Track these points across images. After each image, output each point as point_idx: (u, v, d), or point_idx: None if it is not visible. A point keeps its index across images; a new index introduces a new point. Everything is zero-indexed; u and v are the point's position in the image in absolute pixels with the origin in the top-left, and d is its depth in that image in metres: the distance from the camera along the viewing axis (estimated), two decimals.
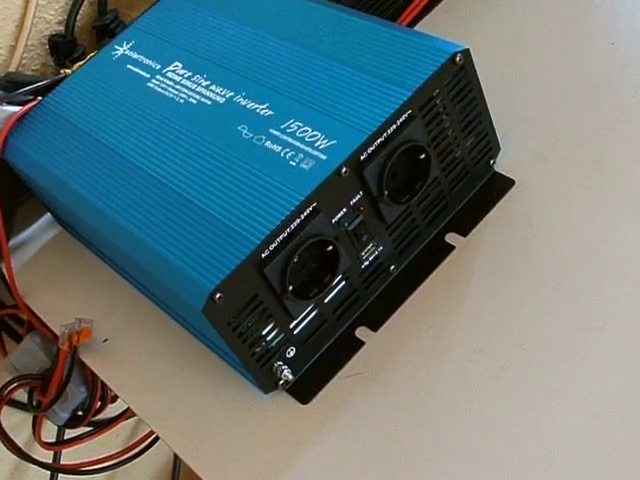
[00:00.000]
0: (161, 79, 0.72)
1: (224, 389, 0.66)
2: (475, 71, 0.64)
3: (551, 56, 0.76)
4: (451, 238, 0.68)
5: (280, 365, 0.62)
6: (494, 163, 0.69)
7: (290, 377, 0.62)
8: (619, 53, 0.74)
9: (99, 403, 0.83)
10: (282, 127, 0.63)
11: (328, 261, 0.61)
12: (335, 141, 0.61)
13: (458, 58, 0.62)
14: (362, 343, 0.65)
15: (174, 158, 0.65)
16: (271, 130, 0.64)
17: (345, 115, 0.62)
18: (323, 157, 0.60)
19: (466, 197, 0.69)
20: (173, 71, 0.73)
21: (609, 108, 0.70)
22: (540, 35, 0.78)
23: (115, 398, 0.87)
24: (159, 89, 0.72)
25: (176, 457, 1.22)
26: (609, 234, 0.63)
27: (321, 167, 0.59)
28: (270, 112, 0.65)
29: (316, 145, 0.61)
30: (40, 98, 0.77)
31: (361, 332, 0.65)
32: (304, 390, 0.63)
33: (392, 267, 0.66)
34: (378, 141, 0.60)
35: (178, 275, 0.58)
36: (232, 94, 0.68)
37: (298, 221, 0.58)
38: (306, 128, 0.62)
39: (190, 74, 0.71)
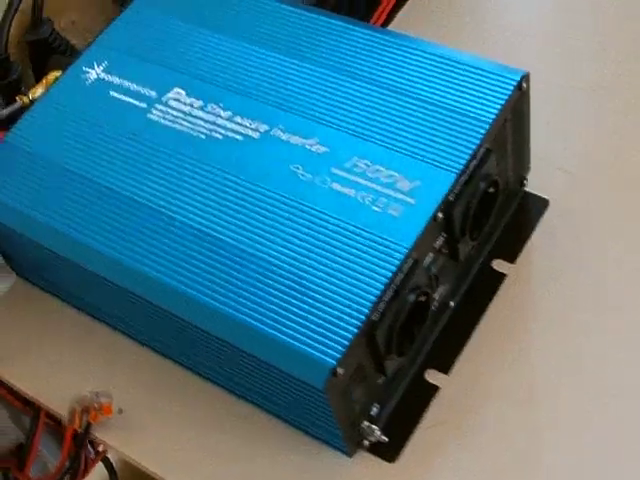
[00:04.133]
0: (164, 109, 0.64)
1: (294, 454, 0.60)
2: (529, 93, 0.61)
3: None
4: (499, 265, 0.65)
5: (368, 425, 0.57)
6: (527, 183, 0.67)
7: (382, 437, 0.58)
8: None
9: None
10: (346, 166, 0.58)
11: (417, 311, 0.57)
12: (419, 182, 0.56)
13: (524, 84, 0.59)
14: (436, 388, 0.61)
15: (218, 206, 0.58)
16: (333, 170, 0.58)
17: (421, 152, 0.57)
18: (411, 201, 0.55)
19: (504, 220, 0.66)
20: (177, 99, 0.64)
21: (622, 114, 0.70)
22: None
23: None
24: (167, 122, 0.63)
25: None
26: None
27: (414, 213, 0.55)
28: (324, 148, 0.59)
29: (397, 187, 0.56)
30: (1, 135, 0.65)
31: (432, 376, 0.62)
32: (388, 447, 0.59)
33: (451, 303, 0.63)
34: (462, 179, 0.56)
35: (286, 353, 0.52)
36: (267, 127, 0.61)
37: (401, 276, 0.54)
38: (378, 167, 0.57)
39: (201, 103, 0.63)
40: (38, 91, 0.68)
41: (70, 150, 0.64)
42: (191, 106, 0.63)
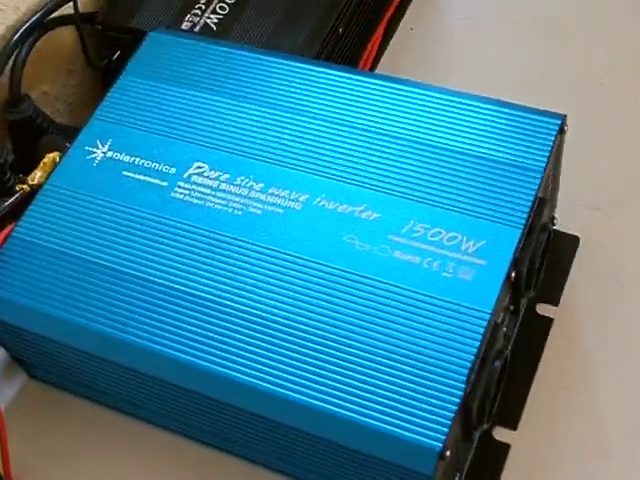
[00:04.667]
0: (189, 187, 0.59)
1: None
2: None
3: None
4: (544, 309, 0.64)
5: None
6: (556, 222, 0.66)
7: None
8: None
9: None
10: (402, 231, 0.55)
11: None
12: (484, 241, 0.54)
13: (566, 127, 0.58)
14: (507, 446, 0.59)
15: (274, 288, 0.54)
16: (391, 237, 0.55)
17: (478, 209, 0.55)
18: (481, 262, 0.53)
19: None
20: (200, 174, 0.60)
21: None
22: None
23: None
24: (194, 200, 0.59)
25: None
26: None
27: (487, 275, 0.53)
28: (375, 214, 0.56)
29: (463, 249, 0.54)
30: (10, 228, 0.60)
31: (499, 433, 0.60)
32: None
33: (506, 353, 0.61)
34: (524, 233, 0.55)
35: (386, 442, 0.49)
36: (307, 197, 0.58)
37: (486, 342, 0.52)
38: (437, 229, 0.55)
39: (228, 176, 0.59)
40: (37, 176, 0.63)
41: (86, 238, 0.59)
42: (217, 180, 0.59)
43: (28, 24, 0.68)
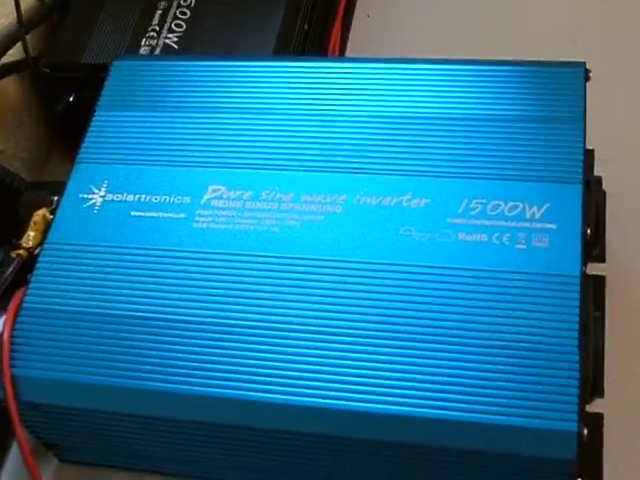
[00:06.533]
0: (210, 213, 0.54)
1: None
2: None
3: None
4: (594, 268, 0.61)
5: None
6: None
7: None
8: None
9: None
10: (459, 211, 0.51)
11: None
12: (548, 204, 0.51)
13: (590, 73, 0.56)
14: (601, 416, 0.55)
15: (342, 300, 0.49)
16: (450, 220, 0.51)
17: (531, 172, 0.52)
18: (551, 226, 0.50)
19: None
20: (219, 197, 0.55)
21: None
22: None
23: None
24: (221, 225, 0.53)
25: None
26: None
27: (563, 238, 0.49)
28: (423, 200, 0.52)
29: (528, 216, 0.50)
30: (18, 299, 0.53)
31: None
32: None
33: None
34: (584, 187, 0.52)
35: (515, 436, 0.44)
36: (345, 197, 0.53)
37: (582, 307, 0.48)
38: (494, 202, 0.51)
39: (251, 193, 0.54)
40: (31, 237, 0.56)
41: (107, 292, 0.53)
42: (241, 200, 0.54)
43: None
